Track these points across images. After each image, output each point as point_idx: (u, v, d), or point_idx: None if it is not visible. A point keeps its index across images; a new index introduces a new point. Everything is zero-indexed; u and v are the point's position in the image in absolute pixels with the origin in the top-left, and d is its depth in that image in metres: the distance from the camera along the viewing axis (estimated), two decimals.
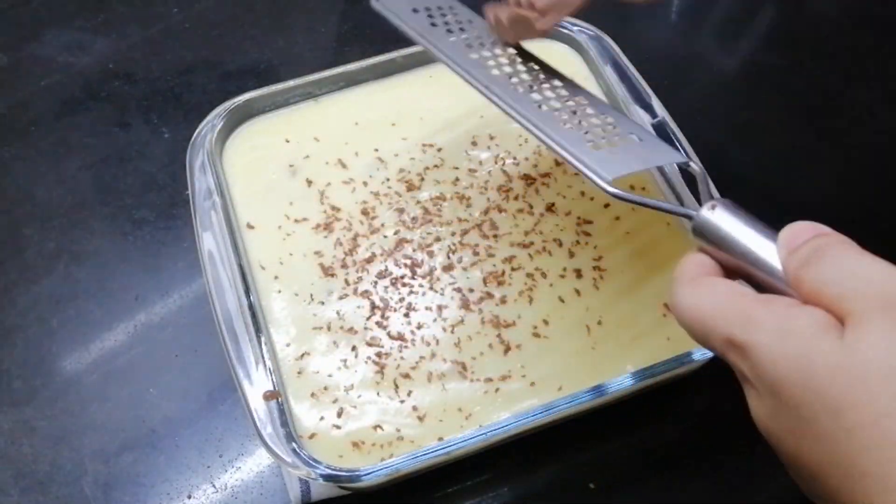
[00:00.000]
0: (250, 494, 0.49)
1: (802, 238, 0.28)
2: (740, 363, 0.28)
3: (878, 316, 0.25)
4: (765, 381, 0.27)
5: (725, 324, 0.28)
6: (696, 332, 0.30)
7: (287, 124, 0.58)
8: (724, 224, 0.31)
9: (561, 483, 0.49)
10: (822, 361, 0.25)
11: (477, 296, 0.50)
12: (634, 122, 0.41)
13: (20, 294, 0.57)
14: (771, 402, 0.27)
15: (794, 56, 0.70)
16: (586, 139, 0.38)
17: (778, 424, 0.27)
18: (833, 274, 0.27)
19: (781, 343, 0.26)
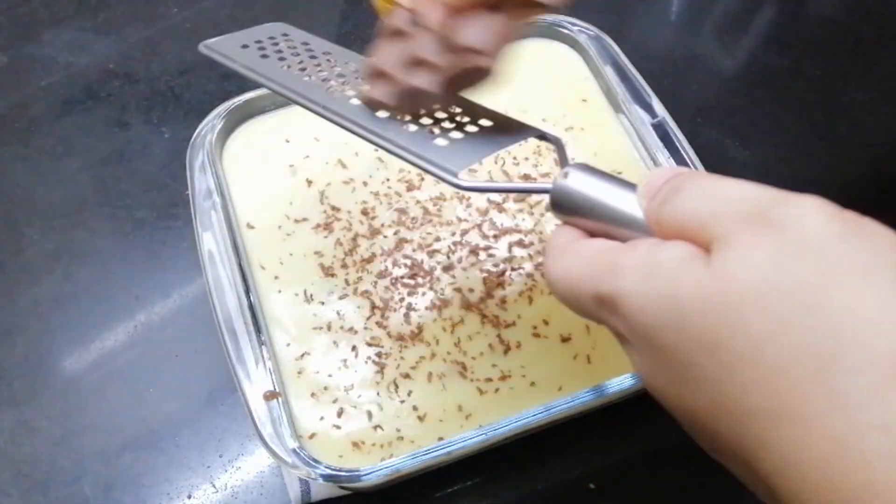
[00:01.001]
0: (250, 494, 0.49)
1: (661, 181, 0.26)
2: (612, 319, 0.26)
3: (742, 231, 0.22)
4: (638, 332, 0.24)
5: (591, 280, 0.26)
6: (570, 301, 0.28)
7: (287, 124, 0.58)
8: (580, 187, 0.29)
9: (561, 483, 0.49)
10: (688, 295, 0.22)
11: (477, 296, 0.50)
12: (488, 109, 0.38)
13: (20, 294, 0.57)
14: (648, 354, 0.25)
15: (794, 56, 0.70)
16: (431, 136, 0.35)
17: (658, 376, 0.25)
18: (690, 203, 0.24)
19: (646, 284, 0.24)
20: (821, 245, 0.21)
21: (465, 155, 0.34)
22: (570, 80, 0.61)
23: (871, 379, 0.19)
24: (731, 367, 0.21)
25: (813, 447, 0.20)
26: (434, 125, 0.36)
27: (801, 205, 0.23)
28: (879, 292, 0.20)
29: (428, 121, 0.36)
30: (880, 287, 0.20)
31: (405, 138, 0.35)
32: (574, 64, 0.61)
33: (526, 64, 0.61)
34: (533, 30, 0.62)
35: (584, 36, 0.60)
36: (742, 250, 0.22)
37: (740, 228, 0.23)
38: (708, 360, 0.22)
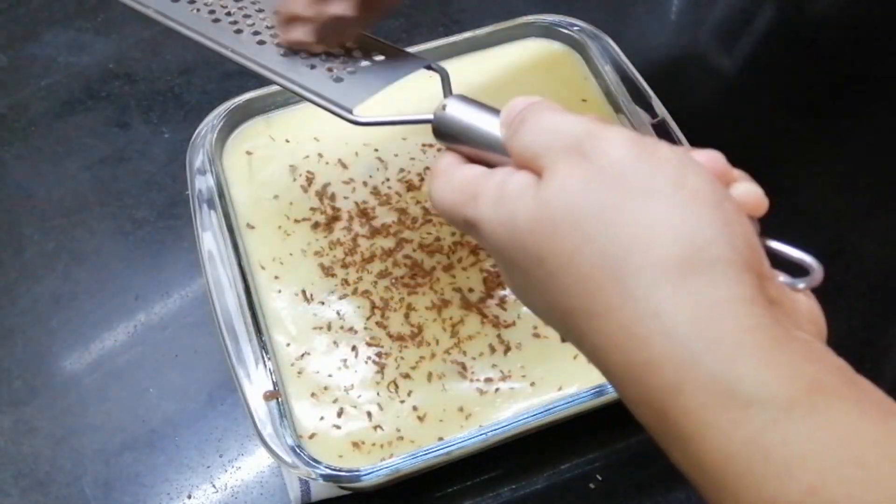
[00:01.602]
0: (250, 494, 0.49)
1: (516, 111, 0.29)
2: (477, 238, 0.30)
3: (562, 161, 0.26)
4: (493, 249, 0.29)
5: (461, 205, 0.29)
6: (446, 218, 0.31)
7: (287, 124, 0.58)
8: (458, 115, 0.32)
9: (561, 483, 0.49)
10: (522, 217, 0.26)
11: (477, 296, 0.50)
12: (378, 41, 0.39)
13: (20, 294, 0.57)
14: (502, 266, 0.29)
15: (794, 56, 0.70)
16: (329, 75, 0.37)
17: (513, 285, 0.29)
18: (531, 135, 0.28)
19: (496, 210, 0.28)
20: (618, 171, 0.25)
21: (359, 91, 0.36)
22: (570, 80, 0.61)
23: (649, 278, 0.24)
24: (554, 276, 0.26)
25: (611, 335, 0.24)
26: (332, 64, 0.38)
27: (607, 137, 0.26)
28: (658, 207, 0.24)
29: (328, 61, 0.38)
30: (659, 203, 0.24)
31: (305, 78, 0.37)
32: (574, 64, 0.61)
33: (526, 64, 0.61)
34: (533, 30, 0.62)
35: (584, 36, 0.60)
36: (559, 179, 0.26)
37: (560, 159, 0.26)
38: (538, 270, 0.26)
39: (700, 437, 0.23)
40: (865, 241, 0.59)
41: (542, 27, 0.62)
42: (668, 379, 0.23)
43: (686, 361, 0.23)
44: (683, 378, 0.23)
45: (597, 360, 0.26)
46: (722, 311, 0.23)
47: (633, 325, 0.24)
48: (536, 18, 0.61)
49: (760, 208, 0.28)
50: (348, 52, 0.38)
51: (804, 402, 0.22)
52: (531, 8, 0.62)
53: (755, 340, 0.23)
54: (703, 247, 0.24)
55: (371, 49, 0.39)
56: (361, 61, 0.38)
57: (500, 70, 0.61)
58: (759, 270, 0.25)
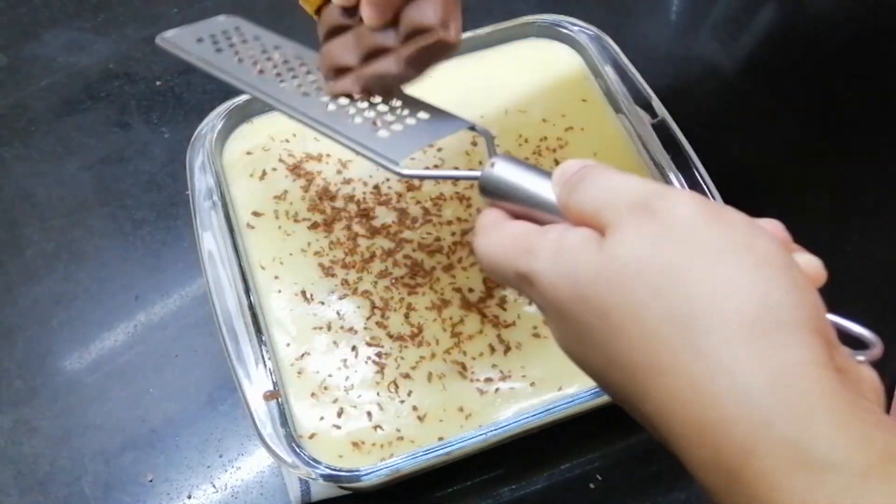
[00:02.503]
0: (250, 494, 0.49)
1: (570, 172, 0.30)
2: (530, 292, 0.30)
3: (627, 219, 0.27)
4: (550, 303, 0.29)
5: (513, 259, 0.30)
6: (496, 275, 0.32)
7: (287, 124, 0.58)
8: (505, 175, 0.33)
9: (561, 483, 0.49)
10: (585, 271, 0.27)
11: (477, 296, 0.50)
12: (421, 101, 0.40)
13: (20, 294, 0.57)
14: (558, 321, 0.29)
15: (794, 56, 0.70)
16: (374, 128, 0.38)
17: (567, 340, 0.29)
18: (591, 193, 0.29)
19: (555, 264, 0.28)
20: (687, 230, 0.26)
21: (405, 145, 0.37)
22: (570, 80, 0.60)
23: (721, 336, 0.24)
24: (618, 330, 0.26)
25: (679, 392, 0.24)
26: (377, 118, 0.39)
27: (675, 197, 0.27)
28: (729, 268, 0.25)
29: (371, 114, 0.39)
30: (730, 264, 0.25)
31: (351, 130, 0.38)
32: (574, 64, 0.61)
33: (526, 64, 0.61)
34: (533, 30, 0.62)
35: (584, 36, 0.60)
36: (626, 235, 0.26)
37: (626, 216, 0.27)
38: (601, 324, 0.26)
39: (773, 500, 0.22)
40: (865, 241, 0.59)
41: (542, 27, 0.62)
42: (740, 440, 0.23)
43: (760, 422, 0.23)
44: (757, 439, 0.23)
45: (659, 419, 0.25)
46: (795, 374, 0.23)
47: (704, 382, 0.24)
48: (536, 18, 0.61)
49: (820, 279, 0.28)
50: (392, 109, 0.39)
51: (879, 470, 0.22)
52: (531, 8, 0.62)
53: (829, 405, 0.23)
54: (774, 308, 0.24)
55: (414, 107, 0.40)
56: (405, 118, 0.39)
57: (500, 70, 0.61)
58: (827, 337, 0.25)
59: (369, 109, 0.39)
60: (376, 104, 0.40)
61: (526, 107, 0.59)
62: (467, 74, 0.60)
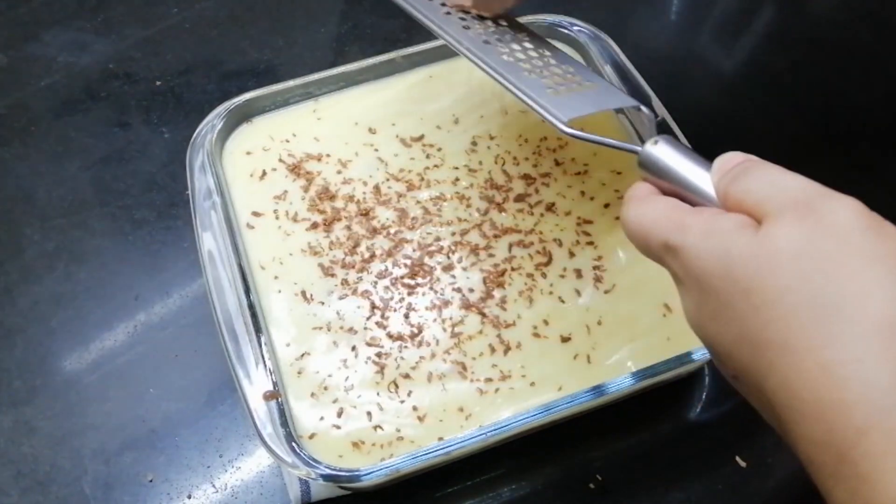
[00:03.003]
0: (250, 494, 0.49)
1: (733, 163, 0.32)
2: (673, 263, 0.32)
3: (789, 212, 0.28)
4: (692, 276, 0.31)
5: (663, 230, 0.32)
6: (639, 241, 0.34)
7: (287, 124, 0.58)
8: (665, 156, 0.35)
9: (561, 483, 0.49)
10: (737, 251, 0.29)
11: (477, 296, 0.50)
12: (593, 73, 0.44)
13: (20, 294, 0.57)
14: (697, 294, 0.31)
15: (794, 56, 0.70)
16: (546, 85, 0.41)
17: (702, 313, 0.31)
18: (754, 184, 0.30)
19: (706, 241, 0.30)
20: (846, 233, 0.27)
21: (573, 107, 0.40)
22: None
23: (859, 329, 0.26)
24: (758, 308, 0.28)
25: (806, 371, 0.26)
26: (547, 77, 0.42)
27: (838, 200, 0.28)
28: (879, 273, 0.26)
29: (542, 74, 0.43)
30: (881, 269, 0.26)
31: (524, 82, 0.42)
32: None
33: None
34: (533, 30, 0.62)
35: (584, 36, 0.60)
36: (786, 224, 0.28)
37: (788, 210, 0.28)
38: (743, 301, 0.28)
39: (875, 480, 0.24)
40: None
41: (542, 27, 0.61)
42: (857, 422, 0.25)
43: (879, 408, 0.24)
44: (872, 424, 0.24)
45: (779, 393, 0.27)
46: None
47: (834, 365, 0.25)
48: (536, 18, 0.61)
49: None
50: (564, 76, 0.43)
51: None
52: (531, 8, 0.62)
53: None
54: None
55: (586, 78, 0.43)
56: (575, 84, 0.42)
57: None
58: None
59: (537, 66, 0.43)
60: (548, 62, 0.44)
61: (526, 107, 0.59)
62: (468, 74, 0.60)
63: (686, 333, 0.49)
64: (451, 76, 0.61)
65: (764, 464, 0.49)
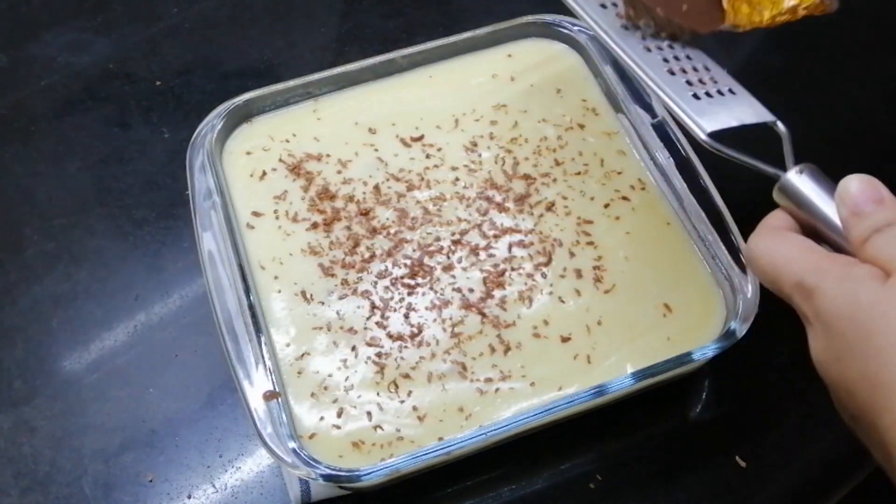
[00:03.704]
0: (250, 494, 0.49)
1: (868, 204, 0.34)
2: (804, 305, 0.34)
3: None
4: (822, 318, 0.32)
5: (798, 270, 0.34)
6: (769, 275, 0.35)
7: (287, 124, 0.58)
8: (807, 189, 0.35)
9: (561, 483, 0.49)
10: (865, 297, 0.31)
11: (477, 296, 0.50)
12: (729, 76, 0.44)
13: (20, 294, 0.57)
14: (824, 336, 0.33)
15: (794, 56, 0.70)
16: (688, 88, 0.41)
17: (827, 354, 0.33)
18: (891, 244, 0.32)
19: (841, 286, 0.32)
20: None
21: (715, 118, 0.40)
22: (570, 79, 0.61)
23: None
24: (879, 350, 0.30)
25: None
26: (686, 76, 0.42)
27: None
28: None
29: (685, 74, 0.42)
30: None
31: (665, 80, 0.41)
32: (574, 64, 0.61)
33: (526, 64, 0.61)
34: (533, 30, 0.62)
35: (584, 36, 0.60)
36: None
37: None
38: (865, 342, 0.30)
39: None
40: None
41: (542, 27, 0.62)
42: None
43: None
44: None
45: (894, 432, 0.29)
46: None
47: None
48: (536, 18, 0.61)
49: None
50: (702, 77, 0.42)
51: None
52: (531, 8, 0.62)
53: None
54: None
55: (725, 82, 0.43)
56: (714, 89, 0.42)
57: (500, 70, 0.61)
58: None
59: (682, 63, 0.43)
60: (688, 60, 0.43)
61: (526, 106, 0.59)
62: (468, 74, 0.60)
63: (686, 333, 0.49)
64: (451, 76, 0.61)
65: (764, 464, 0.49)
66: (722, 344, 0.46)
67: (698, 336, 0.48)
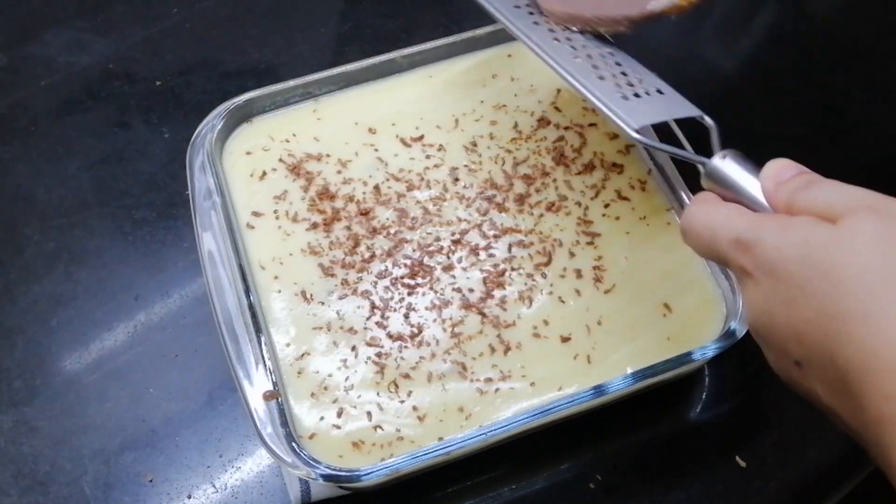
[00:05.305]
0: (250, 494, 0.49)
1: (789, 173, 0.35)
2: (742, 258, 0.34)
3: (865, 212, 0.31)
4: (764, 267, 0.33)
5: (734, 227, 0.34)
6: (704, 238, 0.36)
7: (287, 124, 0.58)
8: (732, 171, 0.37)
9: (561, 483, 0.49)
10: (817, 238, 0.31)
11: (477, 296, 0.50)
12: (658, 78, 0.45)
13: (20, 294, 0.57)
14: (767, 284, 0.33)
15: (794, 56, 0.70)
16: (616, 90, 0.43)
17: (771, 301, 0.33)
18: (822, 193, 0.33)
19: (783, 234, 0.32)
20: None
21: (642, 114, 0.42)
22: None
23: None
24: (838, 284, 0.30)
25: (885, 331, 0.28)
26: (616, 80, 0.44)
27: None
28: None
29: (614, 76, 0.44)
30: None
31: (596, 86, 0.43)
32: None
33: (526, 63, 0.61)
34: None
35: None
36: (863, 219, 0.31)
37: (861, 209, 0.31)
38: (822, 279, 0.30)
39: None
40: None
41: None
42: None
43: None
44: None
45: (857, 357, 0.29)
46: None
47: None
48: None
49: None
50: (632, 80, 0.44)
51: None
52: None
53: None
54: None
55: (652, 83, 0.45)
56: (641, 90, 0.44)
57: (500, 70, 0.61)
58: None
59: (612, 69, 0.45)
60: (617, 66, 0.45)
61: (526, 106, 0.59)
62: (468, 74, 0.60)
63: (686, 333, 0.49)
64: (451, 76, 0.61)
65: (764, 464, 0.49)
66: (722, 344, 0.46)
67: (698, 336, 0.48)
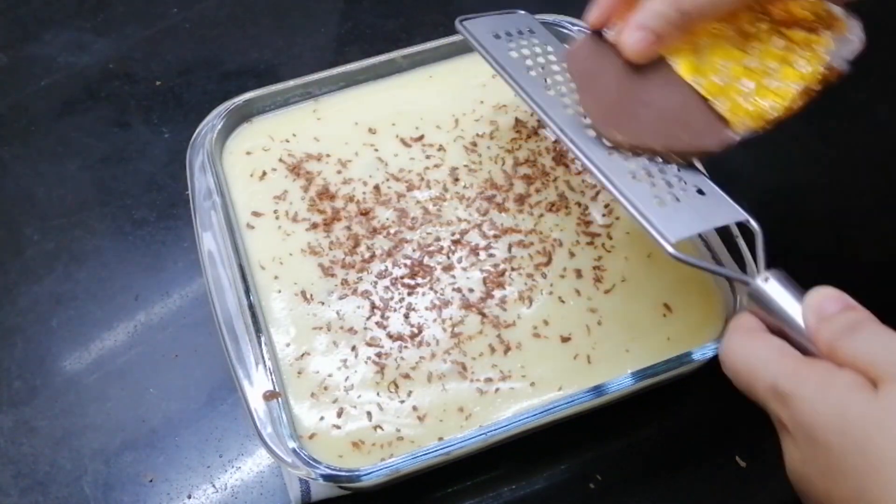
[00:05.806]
0: (250, 494, 0.49)
1: (832, 308, 0.33)
2: (781, 411, 0.32)
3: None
4: (803, 428, 0.31)
5: (773, 373, 0.32)
6: (742, 377, 0.34)
7: (287, 124, 0.58)
8: (776, 295, 0.35)
9: (561, 483, 0.49)
10: (856, 411, 0.29)
11: (477, 296, 0.50)
12: (698, 172, 0.42)
13: (20, 294, 0.57)
14: (806, 447, 0.31)
15: None
16: (651, 192, 0.39)
17: (810, 467, 0.31)
18: (866, 346, 0.31)
19: (822, 395, 0.31)
20: None
21: (679, 225, 0.38)
22: None
23: None
24: (878, 468, 0.28)
25: None
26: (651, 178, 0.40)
27: None
28: None
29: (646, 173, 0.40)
30: None
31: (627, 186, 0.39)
32: None
33: None
34: None
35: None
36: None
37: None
38: (860, 459, 0.29)
39: None
40: (865, 240, 0.59)
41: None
42: None
43: None
44: None
45: None
46: None
47: None
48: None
49: None
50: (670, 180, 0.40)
51: None
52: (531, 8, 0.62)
53: None
54: None
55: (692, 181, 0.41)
56: (680, 190, 0.40)
57: None
58: None
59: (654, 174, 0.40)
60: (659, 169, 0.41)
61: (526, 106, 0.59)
62: (468, 74, 0.60)
63: (686, 333, 0.49)
64: (451, 76, 0.61)
65: (764, 464, 0.49)
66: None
67: (698, 336, 0.48)
